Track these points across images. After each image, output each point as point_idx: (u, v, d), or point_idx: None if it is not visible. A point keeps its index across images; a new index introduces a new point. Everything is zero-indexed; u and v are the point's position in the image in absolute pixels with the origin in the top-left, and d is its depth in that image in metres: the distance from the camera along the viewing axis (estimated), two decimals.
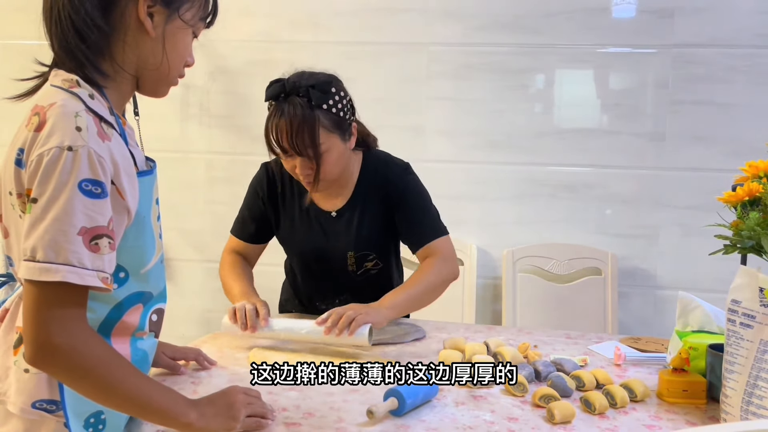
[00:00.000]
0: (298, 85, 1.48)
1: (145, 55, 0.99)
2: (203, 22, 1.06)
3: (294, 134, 1.46)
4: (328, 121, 1.50)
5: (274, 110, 1.49)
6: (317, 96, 1.47)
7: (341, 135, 1.54)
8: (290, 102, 1.47)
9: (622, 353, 1.44)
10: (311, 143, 1.47)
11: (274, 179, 1.69)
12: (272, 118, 1.49)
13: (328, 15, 2.57)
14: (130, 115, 2.45)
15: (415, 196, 1.65)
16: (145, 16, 0.97)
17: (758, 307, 1.02)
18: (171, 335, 2.62)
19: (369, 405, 1.08)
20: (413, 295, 1.53)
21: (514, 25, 2.47)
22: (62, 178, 0.86)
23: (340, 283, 1.71)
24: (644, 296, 2.48)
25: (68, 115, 0.89)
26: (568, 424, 1.10)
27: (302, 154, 1.48)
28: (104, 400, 0.92)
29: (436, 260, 1.59)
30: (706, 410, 1.19)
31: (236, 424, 0.99)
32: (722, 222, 1.15)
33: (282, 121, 1.47)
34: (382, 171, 1.66)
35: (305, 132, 1.46)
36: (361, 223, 1.64)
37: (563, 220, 2.49)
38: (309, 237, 1.67)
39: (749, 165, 1.16)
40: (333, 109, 1.50)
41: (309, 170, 1.52)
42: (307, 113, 1.46)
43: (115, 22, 0.96)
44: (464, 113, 2.53)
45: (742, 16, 2.36)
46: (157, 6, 0.98)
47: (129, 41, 0.98)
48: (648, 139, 2.44)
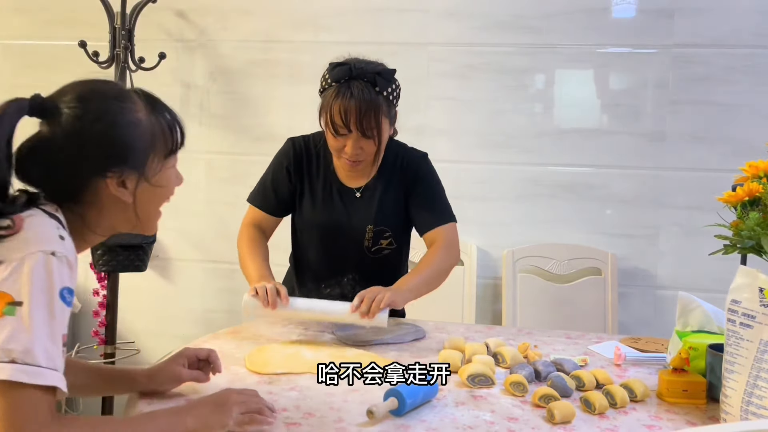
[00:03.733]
0: (366, 70, 1.57)
1: (122, 218, 1.01)
2: (174, 153, 1.05)
3: (362, 115, 1.54)
4: (386, 107, 1.59)
5: (339, 91, 1.56)
6: (382, 83, 1.58)
7: (391, 122, 1.65)
8: (356, 85, 1.55)
9: (622, 353, 1.44)
10: (376, 125, 1.56)
11: (302, 153, 1.74)
12: (338, 98, 1.55)
13: (328, 15, 2.57)
14: None
15: (430, 182, 1.74)
16: (117, 189, 0.97)
17: (758, 307, 1.02)
18: (171, 335, 2.65)
19: (369, 405, 1.08)
20: (427, 279, 1.61)
21: (514, 25, 2.47)
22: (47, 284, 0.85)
23: (352, 260, 1.74)
24: (644, 296, 2.48)
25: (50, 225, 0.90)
26: (568, 424, 1.10)
27: (366, 134, 1.56)
28: None
29: (441, 247, 1.67)
30: (706, 410, 1.19)
31: (229, 420, 0.99)
32: (722, 222, 1.15)
33: (352, 102, 1.54)
34: (403, 155, 1.74)
35: (372, 114, 1.55)
36: (381, 200, 1.72)
37: (563, 220, 2.49)
38: (331, 212, 1.72)
39: (749, 165, 1.16)
40: (390, 96, 1.60)
41: (359, 150, 1.59)
42: (373, 97, 1.56)
43: (87, 199, 0.97)
44: (465, 113, 2.53)
45: (742, 16, 2.36)
46: (125, 176, 0.98)
47: (104, 212, 0.99)
48: (648, 139, 2.44)
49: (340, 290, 1.76)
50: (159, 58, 2.43)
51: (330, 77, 1.60)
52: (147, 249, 2.36)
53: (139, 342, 2.68)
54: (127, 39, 2.36)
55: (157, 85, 2.86)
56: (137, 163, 0.99)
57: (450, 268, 1.68)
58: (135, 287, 2.61)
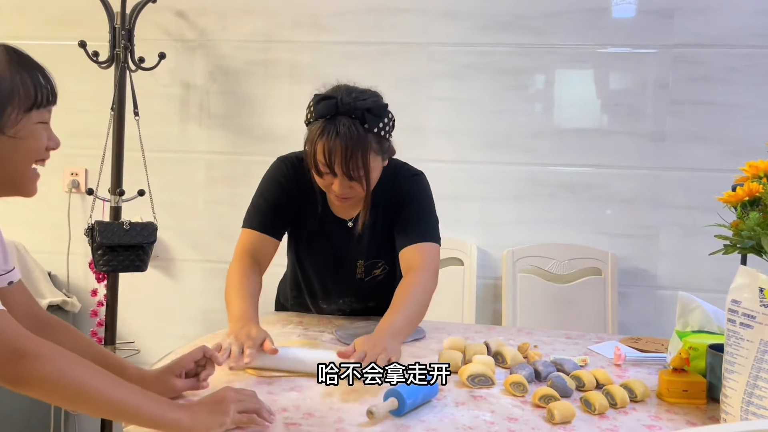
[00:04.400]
0: (353, 106, 1.43)
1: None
2: (36, 110, 1.00)
3: (348, 158, 1.42)
4: (377, 144, 1.47)
5: (325, 128, 1.43)
6: (371, 119, 1.44)
7: (383, 156, 1.52)
8: (343, 123, 1.42)
9: (622, 353, 1.44)
10: (363, 166, 1.44)
11: (295, 172, 1.61)
12: (322, 136, 1.43)
13: (328, 15, 2.57)
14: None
15: (417, 199, 1.61)
16: None
17: (758, 307, 1.02)
18: (171, 335, 2.65)
19: (369, 405, 1.08)
20: (412, 317, 1.45)
21: (514, 25, 2.47)
22: None
23: (346, 287, 1.71)
24: (644, 296, 2.48)
25: None
26: (568, 424, 1.10)
27: (353, 177, 1.45)
28: (80, 405, 0.91)
29: (420, 271, 1.51)
30: (706, 410, 1.19)
31: (226, 419, 0.99)
32: (722, 222, 1.15)
33: (337, 142, 1.41)
34: (391, 176, 1.61)
35: (359, 156, 1.43)
36: (373, 232, 1.63)
37: (563, 220, 2.49)
38: (322, 242, 1.66)
39: (749, 165, 1.16)
40: (381, 132, 1.48)
41: (348, 189, 1.48)
42: (361, 135, 1.43)
43: None
44: (464, 113, 2.52)
45: (742, 16, 2.36)
46: None
47: None
48: (648, 139, 2.44)
49: (336, 307, 1.76)
50: (159, 58, 2.43)
51: (315, 112, 1.46)
52: (147, 249, 2.36)
53: (139, 342, 2.68)
54: (127, 39, 2.36)
55: (157, 85, 2.87)
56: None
57: (431, 297, 1.51)
58: (135, 287, 2.61)
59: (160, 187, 2.51)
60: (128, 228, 2.29)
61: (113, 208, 2.38)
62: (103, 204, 2.43)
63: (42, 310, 1.20)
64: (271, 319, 1.71)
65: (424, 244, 1.55)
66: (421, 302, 1.48)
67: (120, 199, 2.38)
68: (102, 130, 2.36)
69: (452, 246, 2.51)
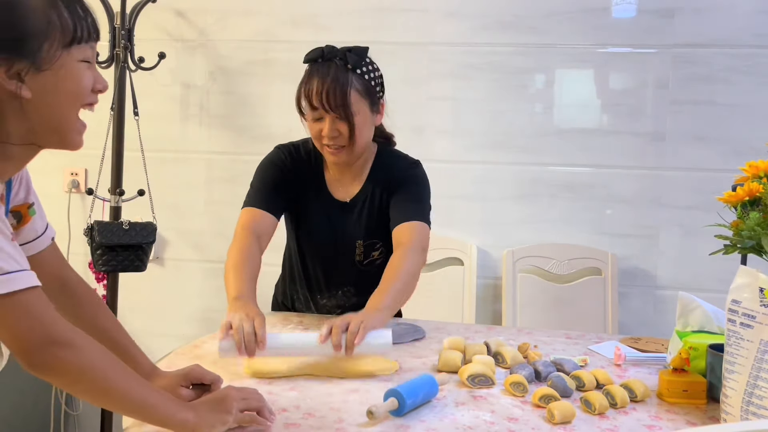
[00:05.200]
0: (337, 50, 1.55)
1: (29, 118, 0.91)
2: (76, 46, 0.93)
3: (325, 92, 1.50)
4: (361, 86, 1.54)
5: (311, 70, 1.55)
6: (353, 59, 1.53)
7: (370, 104, 1.58)
8: (327, 64, 1.53)
9: (622, 353, 1.44)
10: (342, 102, 1.51)
11: (293, 158, 1.67)
12: (308, 77, 1.54)
13: (328, 15, 2.57)
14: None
15: (412, 185, 1.66)
16: (8, 81, 0.88)
17: (758, 307, 1.02)
18: (171, 335, 2.64)
19: (369, 405, 1.08)
20: (399, 290, 1.47)
21: (514, 25, 2.47)
22: None
23: (345, 274, 1.72)
24: (644, 296, 2.48)
25: None
26: (568, 424, 1.10)
27: (332, 110, 1.51)
28: (100, 399, 0.92)
29: (409, 249, 1.54)
30: (706, 410, 1.19)
31: (229, 417, 0.99)
32: (722, 222, 1.15)
33: (315, 79, 1.52)
34: (390, 162, 1.69)
35: (337, 90, 1.50)
36: (371, 212, 1.67)
37: (563, 220, 2.49)
38: (323, 224, 1.68)
39: (749, 165, 1.16)
40: (366, 75, 1.56)
41: (336, 133, 1.53)
42: (341, 74, 1.52)
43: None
44: (464, 113, 2.52)
45: (742, 16, 2.36)
46: (15, 65, 0.88)
47: (4, 113, 0.90)
48: (648, 139, 2.44)
49: (336, 302, 1.75)
50: (159, 58, 2.43)
51: (305, 59, 1.58)
52: (147, 249, 2.36)
53: (139, 342, 2.63)
54: (127, 39, 2.36)
55: (157, 85, 2.87)
56: (25, 49, 0.89)
57: (419, 271, 1.55)
58: (134, 287, 2.61)
59: (159, 187, 2.51)
60: (128, 228, 2.29)
61: (113, 208, 2.38)
62: (102, 204, 2.43)
63: (72, 275, 1.18)
64: (272, 320, 1.71)
65: (416, 223, 1.59)
66: (411, 275, 1.51)
67: (120, 199, 2.38)
68: (102, 130, 2.36)
69: (452, 246, 2.51)
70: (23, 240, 1.07)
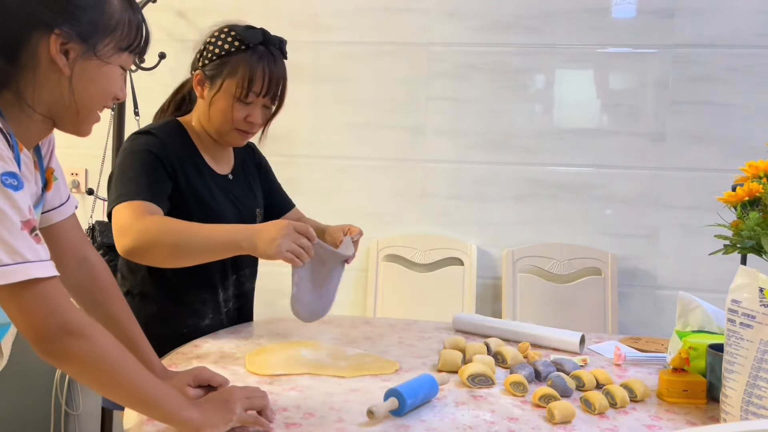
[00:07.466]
0: (276, 38, 1.55)
1: (58, 94, 0.95)
2: (127, 53, 0.99)
3: (275, 81, 1.50)
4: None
5: (263, 55, 1.49)
6: (285, 51, 1.56)
7: None
8: (274, 52, 1.52)
9: (622, 353, 1.44)
10: (281, 94, 1.54)
11: (159, 142, 1.46)
12: (262, 61, 1.48)
13: (328, 15, 2.57)
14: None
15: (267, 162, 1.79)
16: (57, 53, 0.91)
17: (758, 307, 1.02)
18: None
19: (369, 405, 1.08)
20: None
21: (514, 25, 2.48)
22: None
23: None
24: (644, 296, 2.48)
25: None
26: (568, 424, 1.10)
27: (272, 101, 1.53)
28: (108, 390, 0.93)
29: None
30: (706, 410, 1.19)
31: (233, 416, 0.99)
32: (722, 222, 1.15)
33: (277, 69, 1.50)
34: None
35: (281, 82, 1.53)
36: (253, 183, 1.69)
37: (563, 220, 2.50)
38: (217, 200, 1.53)
39: (749, 165, 1.16)
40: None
41: (261, 119, 1.55)
42: (282, 64, 1.54)
43: (24, 61, 0.91)
44: (464, 113, 2.53)
45: (742, 16, 2.36)
46: (72, 42, 0.92)
47: (40, 80, 0.93)
48: (648, 139, 2.44)
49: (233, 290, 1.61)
50: (159, 58, 2.43)
51: (241, 38, 1.50)
52: None
53: None
54: None
55: (157, 85, 2.86)
56: (89, 34, 0.93)
57: None
58: None
59: None
60: None
61: None
62: (103, 204, 2.43)
63: (92, 254, 1.18)
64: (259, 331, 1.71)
65: (294, 208, 1.79)
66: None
67: None
68: (102, 130, 2.36)
69: (452, 246, 2.51)
70: (49, 206, 1.10)
